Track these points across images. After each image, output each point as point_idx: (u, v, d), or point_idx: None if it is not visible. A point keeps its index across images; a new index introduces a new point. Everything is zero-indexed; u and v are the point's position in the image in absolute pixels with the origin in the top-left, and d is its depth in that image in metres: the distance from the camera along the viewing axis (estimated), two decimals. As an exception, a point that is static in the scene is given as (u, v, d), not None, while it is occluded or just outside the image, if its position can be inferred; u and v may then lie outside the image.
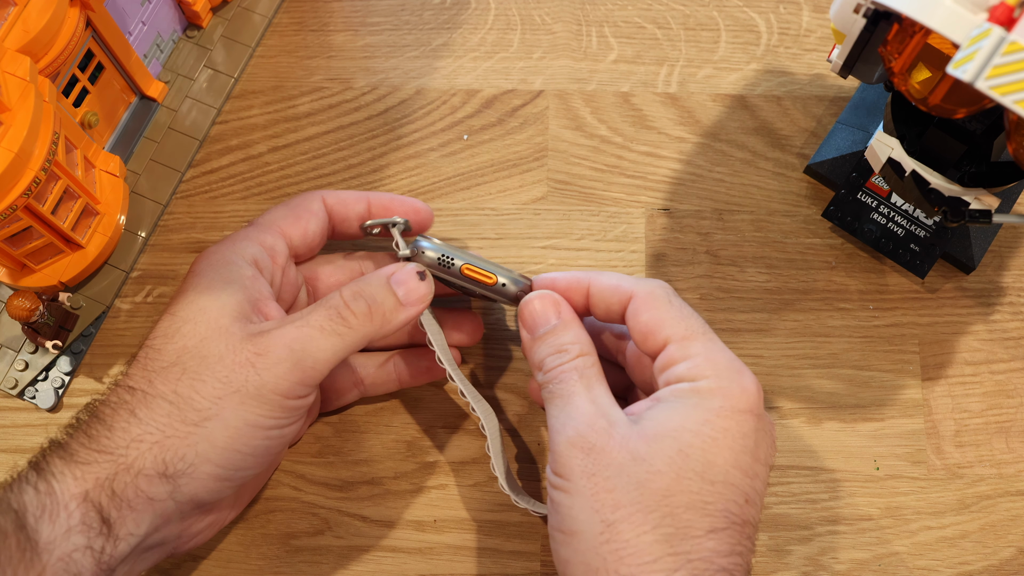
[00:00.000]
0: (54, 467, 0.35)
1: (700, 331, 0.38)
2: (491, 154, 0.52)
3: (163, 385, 0.37)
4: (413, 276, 0.40)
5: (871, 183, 0.49)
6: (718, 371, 0.37)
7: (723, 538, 0.34)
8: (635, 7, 0.55)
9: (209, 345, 0.37)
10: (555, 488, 0.36)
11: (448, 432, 0.47)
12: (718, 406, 0.36)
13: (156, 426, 0.36)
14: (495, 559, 0.45)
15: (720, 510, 0.35)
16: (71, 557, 0.33)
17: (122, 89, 0.50)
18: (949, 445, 0.47)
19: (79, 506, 0.34)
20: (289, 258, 0.43)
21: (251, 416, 0.37)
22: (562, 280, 0.42)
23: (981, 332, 0.49)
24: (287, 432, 0.39)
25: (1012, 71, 0.31)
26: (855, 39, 0.39)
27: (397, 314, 0.40)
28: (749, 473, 0.36)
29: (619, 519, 0.34)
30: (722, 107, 0.53)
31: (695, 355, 0.37)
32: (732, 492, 0.35)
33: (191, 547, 0.40)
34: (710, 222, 0.50)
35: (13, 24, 0.41)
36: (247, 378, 0.37)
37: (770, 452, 0.37)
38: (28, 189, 0.41)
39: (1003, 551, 0.45)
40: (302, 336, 0.38)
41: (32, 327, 0.46)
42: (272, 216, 0.43)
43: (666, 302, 0.39)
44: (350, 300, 0.39)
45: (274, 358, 0.37)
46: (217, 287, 0.39)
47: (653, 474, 0.35)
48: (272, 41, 0.54)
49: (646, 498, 0.34)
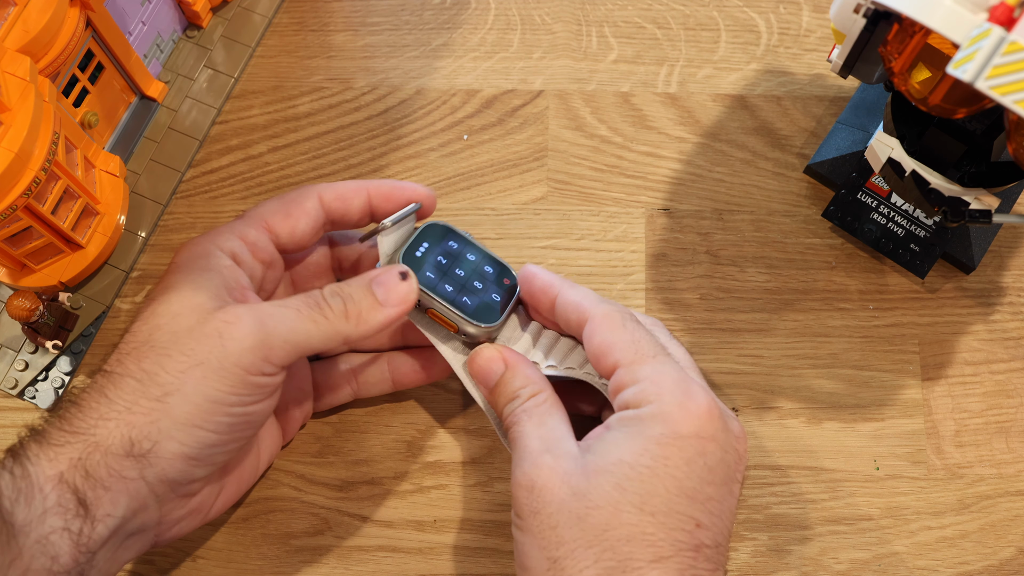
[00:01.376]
0: (29, 451, 0.35)
1: (650, 354, 0.38)
2: (491, 154, 0.52)
3: (132, 363, 0.37)
4: (394, 277, 0.40)
5: (871, 183, 0.49)
6: (662, 395, 0.36)
7: (670, 566, 0.34)
8: (635, 7, 0.55)
9: (180, 321, 0.37)
10: (514, 527, 0.37)
11: (448, 432, 0.47)
12: (658, 433, 0.36)
13: (123, 404, 0.36)
14: (495, 559, 0.45)
15: (663, 539, 0.34)
16: (48, 539, 0.33)
17: (122, 89, 0.50)
18: (949, 445, 0.47)
19: (54, 488, 0.34)
20: (275, 254, 0.42)
21: (211, 391, 0.36)
22: (538, 281, 0.42)
23: (981, 332, 0.49)
24: (252, 411, 0.38)
25: (1012, 71, 0.31)
26: (855, 39, 0.39)
27: (375, 314, 0.39)
28: (698, 497, 0.35)
29: (562, 555, 0.35)
30: (722, 107, 0.53)
31: (642, 379, 0.37)
32: (677, 520, 0.35)
33: (174, 536, 0.39)
34: (710, 222, 0.50)
35: (13, 24, 0.41)
36: (211, 349, 0.36)
37: (732, 470, 0.37)
38: (28, 189, 0.41)
39: (1003, 551, 0.45)
40: (276, 313, 0.37)
41: (32, 327, 0.46)
42: (261, 210, 0.42)
43: (620, 325, 0.39)
44: (328, 296, 0.39)
45: (243, 329, 0.36)
46: (195, 273, 0.39)
47: (592, 509, 0.35)
48: (272, 41, 0.54)
49: (586, 533, 0.35)
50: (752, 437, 0.47)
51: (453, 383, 0.48)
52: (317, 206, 0.42)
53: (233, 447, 0.38)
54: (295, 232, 0.42)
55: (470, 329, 0.42)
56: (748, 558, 0.45)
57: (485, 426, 0.47)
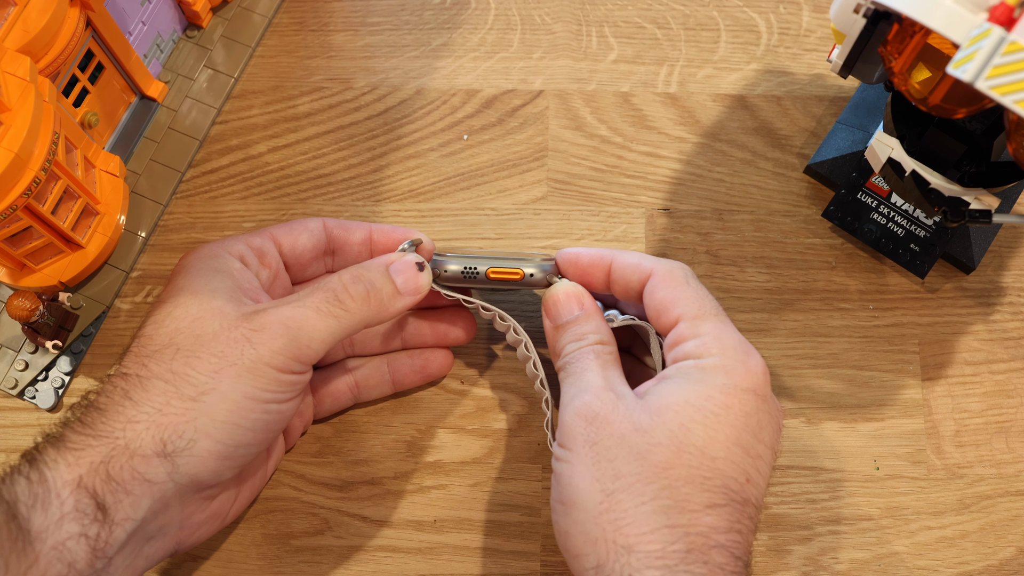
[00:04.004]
0: (47, 456, 0.35)
1: (712, 312, 0.39)
2: (491, 154, 0.52)
3: (157, 366, 0.37)
4: (412, 266, 0.41)
5: (871, 183, 0.49)
6: (724, 350, 0.37)
7: (722, 514, 0.34)
8: (635, 7, 0.55)
9: (202, 324, 0.37)
10: (558, 460, 0.37)
11: (448, 432, 0.47)
12: (721, 383, 0.36)
13: (153, 405, 0.36)
14: (495, 559, 0.45)
15: (719, 486, 0.35)
16: (64, 545, 0.33)
17: (122, 89, 0.50)
18: (949, 445, 0.47)
19: (72, 493, 0.34)
20: (280, 266, 0.43)
21: (248, 388, 0.36)
22: (585, 256, 0.42)
23: (981, 332, 0.49)
24: (284, 408, 0.38)
25: (1012, 71, 0.31)
26: (855, 39, 0.39)
27: (394, 302, 0.40)
28: (751, 452, 0.36)
29: (619, 488, 0.35)
30: (722, 107, 0.53)
31: (704, 334, 0.38)
32: (732, 469, 0.35)
33: (195, 542, 0.40)
34: (710, 222, 0.50)
35: (13, 24, 0.41)
36: (242, 352, 0.37)
37: (775, 436, 0.37)
38: (28, 189, 0.41)
39: (1003, 551, 0.45)
40: (298, 316, 0.38)
41: (32, 327, 0.46)
42: (268, 227, 0.44)
43: (683, 282, 0.39)
44: (349, 283, 0.39)
45: (270, 334, 0.37)
46: (206, 274, 0.39)
47: (654, 446, 0.35)
48: (272, 41, 0.54)
49: (646, 469, 0.35)
50: (752, 437, 0.47)
51: (453, 383, 0.48)
52: (320, 227, 0.44)
53: (260, 447, 0.39)
54: (296, 244, 0.43)
55: (534, 271, 0.42)
56: (748, 558, 0.45)
57: (485, 426, 0.47)
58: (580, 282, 0.43)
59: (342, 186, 0.51)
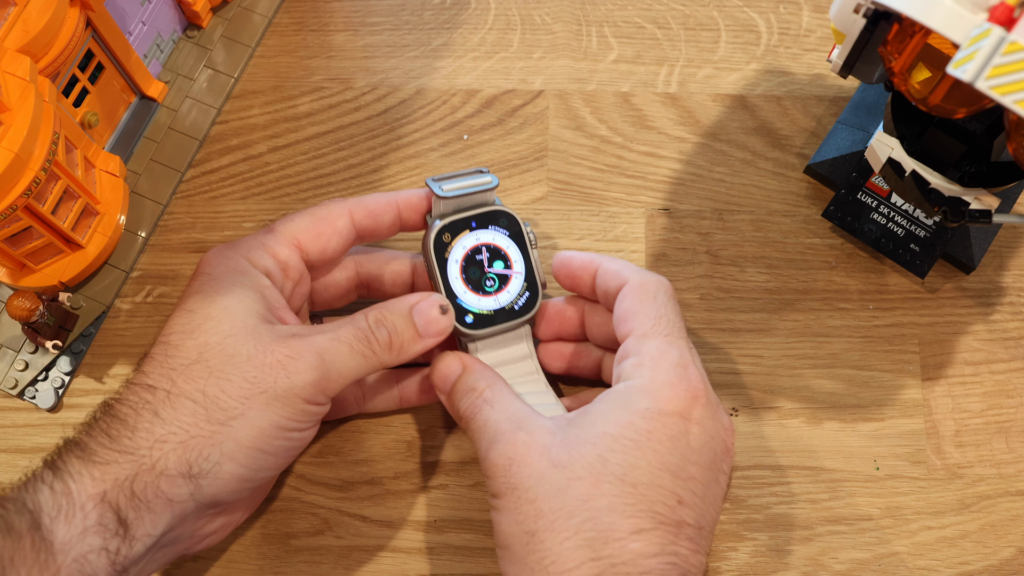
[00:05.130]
0: (71, 467, 0.35)
1: (663, 331, 0.38)
2: (491, 154, 0.52)
3: (187, 384, 0.37)
4: (435, 308, 0.41)
5: (871, 183, 0.49)
6: (656, 372, 0.37)
7: (650, 538, 0.34)
8: (635, 7, 0.55)
9: (235, 343, 0.37)
10: (490, 508, 0.38)
11: (448, 432, 0.47)
12: (644, 408, 0.36)
13: (181, 426, 0.36)
14: (495, 559, 0.45)
15: (644, 511, 0.35)
16: (86, 558, 0.33)
17: (122, 89, 0.50)
18: (949, 445, 0.47)
19: (96, 507, 0.34)
20: (305, 272, 0.43)
21: (276, 417, 0.37)
22: (576, 260, 0.43)
23: (981, 332, 0.49)
24: (305, 435, 0.39)
25: (1012, 71, 0.31)
26: (855, 39, 0.39)
27: (414, 345, 0.40)
28: (681, 474, 0.36)
29: (541, 528, 0.35)
30: (722, 107, 0.53)
31: (643, 353, 0.38)
32: (658, 493, 0.35)
33: (202, 548, 0.40)
34: (710, 222, 0.50)
35: (13, 24, 0.41)
36: (276, 380, 0.37)
37: (717, 455, 0.37)
38: (28, 189, 0.41)
39: (1003, 551, 0.45)
40: (333, 349, 0.38)
41: (32, 327, 0.46)
42: (292, 226, 0.42)
43: (651, 296, 0.39)
44: (374, 327, 0.39)
45: (305, 363, 0.37)
46: (238, 289, 0.39)
47: (573, 480, 0.35)
48: (272, 41, 0.54)
49: (567, 504, 0.35)
50: (752, 437, 0.47)
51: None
52: (348, 224, 0.43)
53: (279, 470, 0.40)
54: (326, 251, 0.42)
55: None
56: (748, 558, 0.45)
57: (485, 426, 0.47)
58: (570, 287, 0.43)
59: (342, 186, 0.51)
